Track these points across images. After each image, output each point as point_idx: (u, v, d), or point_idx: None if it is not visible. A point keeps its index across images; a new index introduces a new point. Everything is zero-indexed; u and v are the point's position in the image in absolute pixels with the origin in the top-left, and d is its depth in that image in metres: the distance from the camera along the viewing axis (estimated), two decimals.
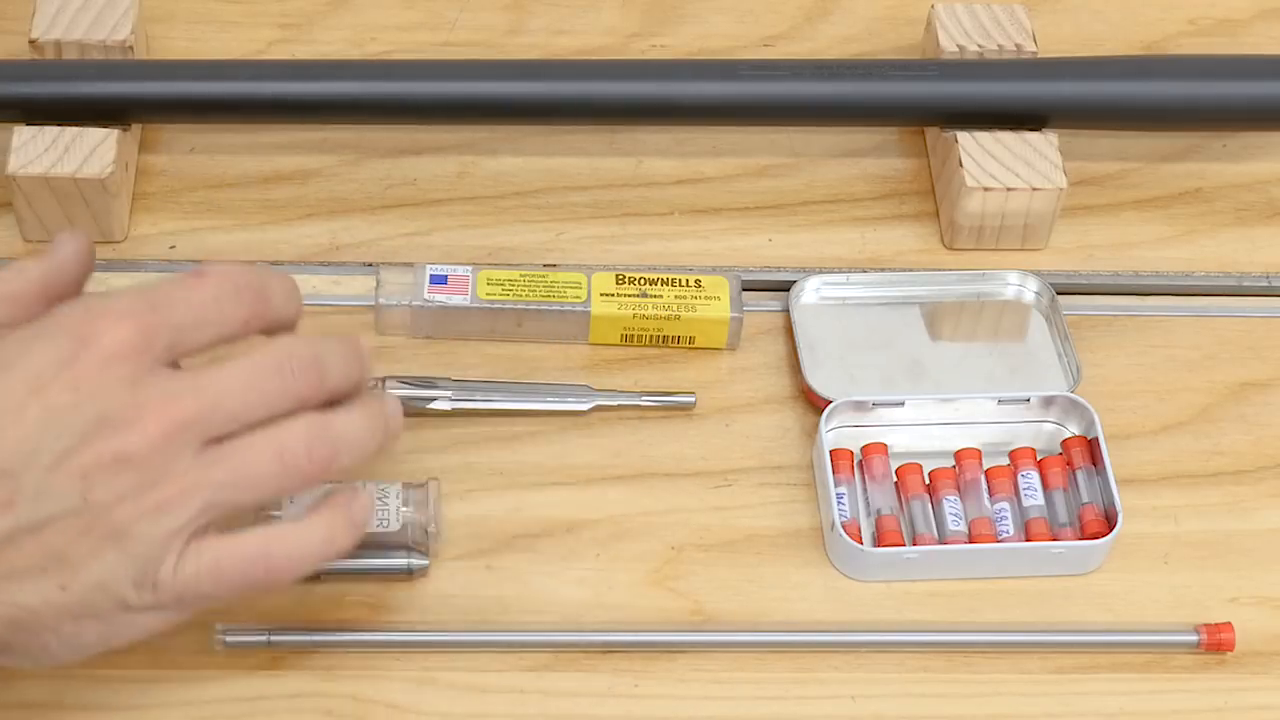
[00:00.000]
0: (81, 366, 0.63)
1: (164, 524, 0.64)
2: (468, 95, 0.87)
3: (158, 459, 0.63)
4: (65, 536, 0.63)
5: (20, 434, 0.62)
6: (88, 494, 0.63)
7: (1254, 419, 0.84)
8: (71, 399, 0.62)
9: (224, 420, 0.65)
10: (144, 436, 0.63)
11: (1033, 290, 0.86)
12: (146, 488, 0.63)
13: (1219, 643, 0.76)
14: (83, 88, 0.85)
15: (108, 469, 0.63)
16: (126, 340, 0.63)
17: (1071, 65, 0.89)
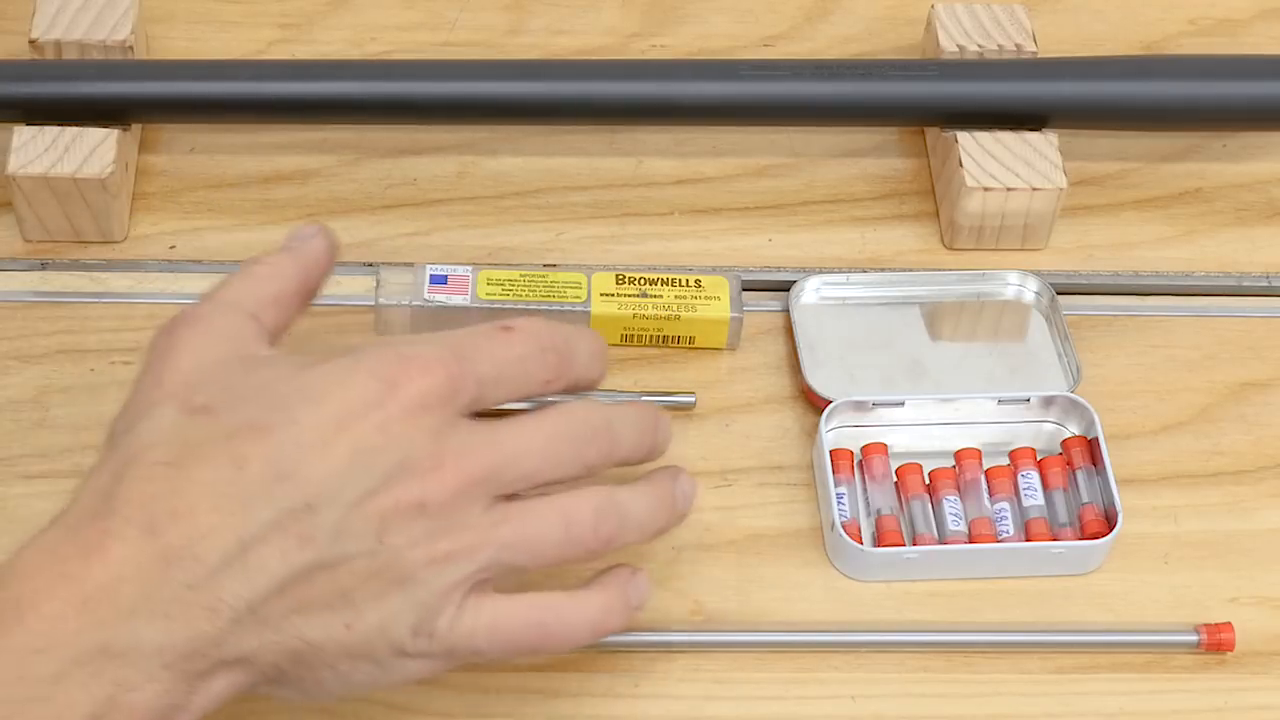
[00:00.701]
0: (390, 410, 0.63)
1: (449, 575, 0.64)
2: (468, 95, 0.87)
3: (451, 510, 0.63)
4: (357, 577, 0.63)
5: (326, 470, 0.62)
6: (384, 537, 0.63)
7: (1254, 419, 0.84)
8: (378, 442, 0.63)
9: (517, 479, 0.65)
10: (442, 486, 0.63)
11: (1033, 290, 0.86)
12: (437, 537, 0.63)
13: (1219, 643, 0.75)
14: (83, 88, 0.85)
15: (405, 515, 0.63)
16: (435, 389, 0.64)
17: (1071, 65, 0.89)
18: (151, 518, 0.60)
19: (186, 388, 0.64)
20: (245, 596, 0.61)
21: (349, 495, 0.62)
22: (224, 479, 0.61)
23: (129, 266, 0.86)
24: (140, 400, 0.65)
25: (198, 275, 0.86)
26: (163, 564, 0.60)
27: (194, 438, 0.62)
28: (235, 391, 0.64)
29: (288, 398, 0.63)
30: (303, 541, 0.62)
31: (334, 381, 0.63)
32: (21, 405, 0.81)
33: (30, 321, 0.84)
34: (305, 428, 0.62)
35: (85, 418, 0.80)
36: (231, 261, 0.86)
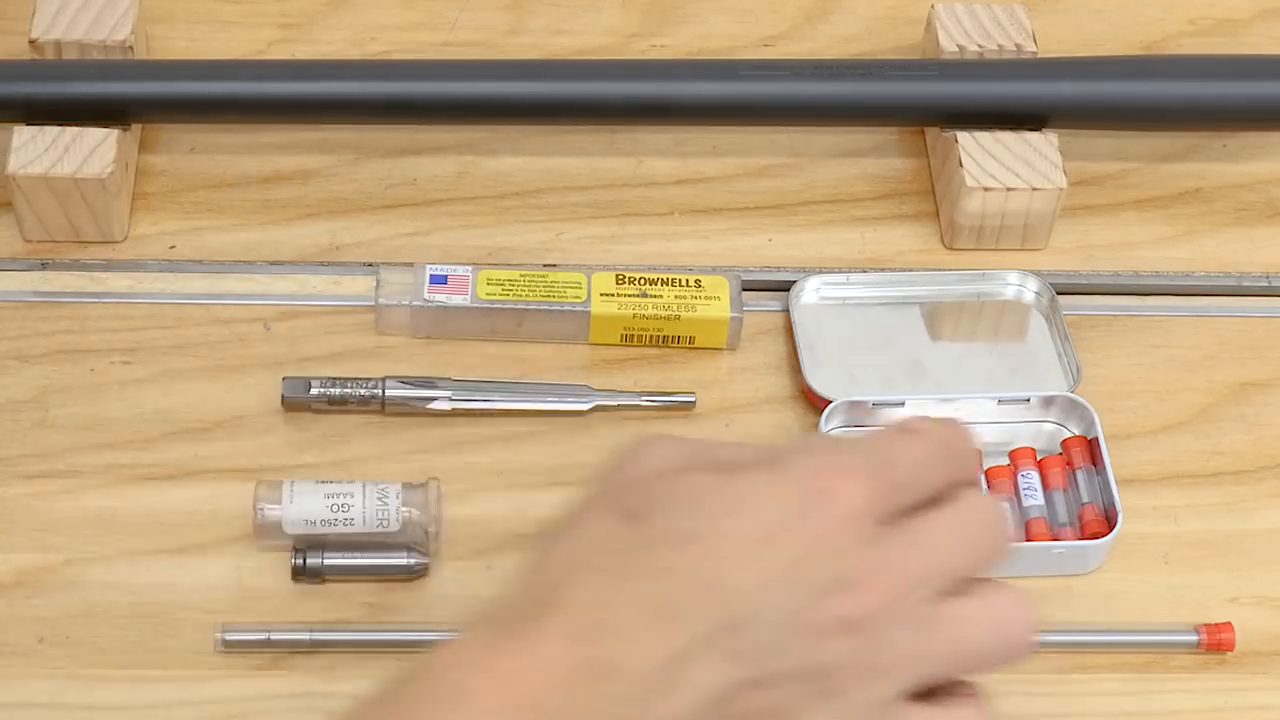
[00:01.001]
0: (817, 522, 0.60)
1: (878, 690, 0.61)
2: (468, 95, 0.87)
3: (882, 624, 0.61)
4: (788, 695, 0.60)
5: (757, 584, 0.59)
6: (818, 655, 0.60)
7: (1254, 419, 0.84)
8: (808, 555, 0.59)
9: (943, 584, 0.62)
10: (874, 600, 0.60)
11: (1033, 290, 0.86)
12: (868, 653, 0.60)
13: (1219, 643, 0.75)
14: (83, 88, 0.85)
15: (837, 631, 0.60)
16: (861, 499, 0.61)
17: (1071, 65, 0.89)
18: (583, 626, 0.58)
19: (622, 491, 0.62)
20: (674, 715, 0.58)
21: (781, 610, 0.59)
22: (655, 591, 0.58)
23: (129, 266, 0.86)
24: (585, 503, 0.62)
25: (198, 275, 0.86)
26: (592, 676, 0.57)
27: (622, 544, 0.60)
28: (666, 498, 0.61)
29: (718, 507, 0.60)
30: (734, 658, 0.59)
31: (761, 493, 0.60)
32: (21, 405, 0.81)
33: (30, 321, 0.84)
34: (732, 541, 0.59)
35: (85, 418, 0.80)
36: (231, 261, 0.86)
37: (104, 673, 0.73)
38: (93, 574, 0.76)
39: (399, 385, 0.81)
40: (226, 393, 0.81)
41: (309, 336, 0.84)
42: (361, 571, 0.76)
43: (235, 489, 0.78)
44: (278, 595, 0.75)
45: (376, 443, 0.80)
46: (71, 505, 0.78)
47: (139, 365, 0.82)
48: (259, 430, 0.80)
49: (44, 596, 0.75)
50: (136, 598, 0.75)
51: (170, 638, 0.74)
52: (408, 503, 0.76)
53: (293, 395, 0.80)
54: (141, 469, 0.79)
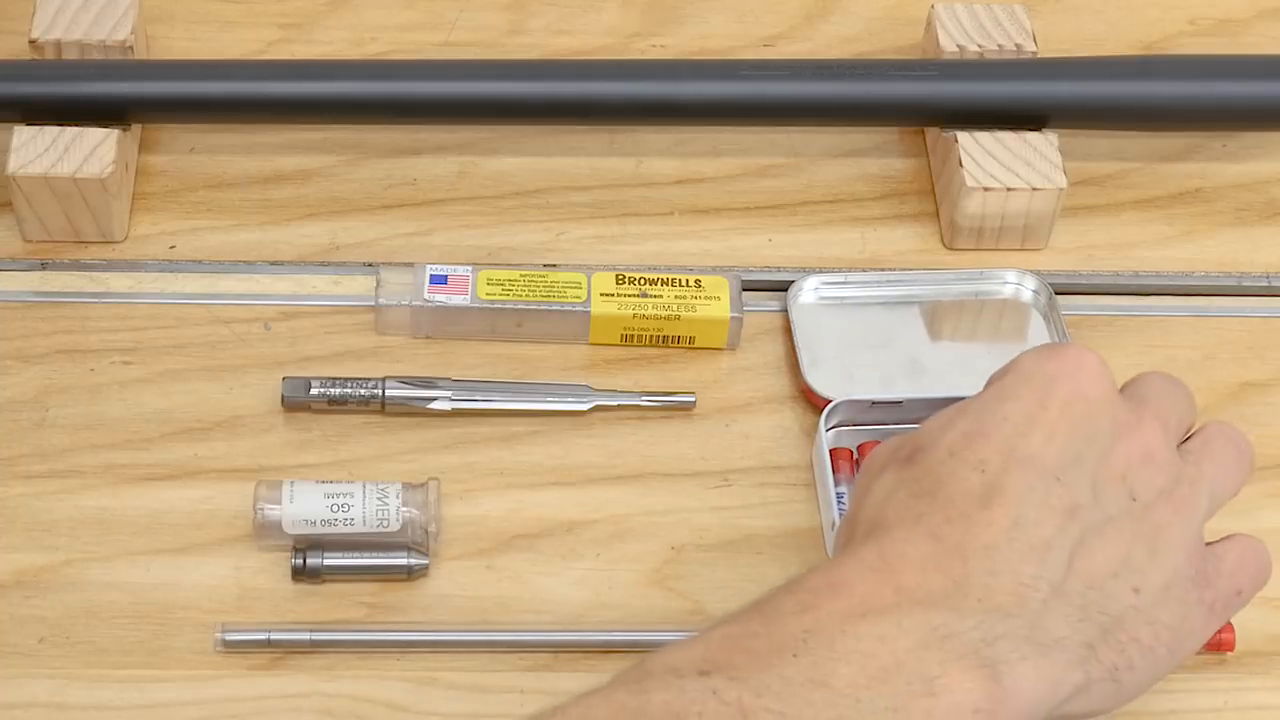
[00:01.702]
0: (1077, 385, 0.67)
1: (1194, 518, 0.67)
2: (468, 95, 0.87)
3: (1169, 456, 0.67)
4: (1125, 538, 0.65)
5: (1058, 446, 0.65)
6: (1135, 493, 0.66)
7: (1254, 419, 0.84)
8: (1083, 410, 0.67)
9: (1182, 423, 0.70)
10: (1153, 436, 0.67)
11: (1030, 289, 0.86)
12: (1171, 484, 0.67)
13: (1219, 643, 0.75)
14: (83, 88, 0.85)
15: (1140, 468, 0.67)
16: (1098, 361, 0.68)
17: (1071, 65, 0.89)
18: (929, 526, 0.64)
19: (897, 447, 0.69)
20: (1045, 577, 0.63)
21: (1088, 460, 0.66)
22: (973, 482, 0.65)
23: (129, 266, 0.86)
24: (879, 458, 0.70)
25: (198, 275, 0.86)
26: (960, 559, 0.63)
27: (927, 463, 0.66)
28: (941, 419, 0.68)
29: (986, 405, 0.67)
30: (1069, 514, 0.64)
31: (1019, 379, 0.68)
32: (21, 405, 0.81)
33: (30, 321, 0.84)
34: (1017, 420, 0.66)
35: (85, 418, 0.80)
36: (231, 261, 0.86)
37: (104, 673, 0.73)
38: (93, 574, 0.76)
39: (399, 385, 0.81)
40: (226, 393, 0.81)
41: (309, 336, 0.84)
42: (361, 571, 0.76)
43: (235, 489, 0.78)
44: (277, 595, 0.75)
45: (376, 443, 0.80)
46: (71, 505, 0.78)
47: (139, 365, 0.82)
48: (259, 430, 0.80)
49: (44, 596, 0.75)
50: (136, 598, 0.75)
51: (170, 638, 0.74)
52: (408, 503, 0.76)
53: (293, 395, 0.80)
54: (141, 469, 0.79)
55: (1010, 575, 0.63)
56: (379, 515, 0.75)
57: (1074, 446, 0.66)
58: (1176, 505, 0.67)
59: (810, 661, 0.60)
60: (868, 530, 0.66)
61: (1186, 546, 0.66)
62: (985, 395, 0.68)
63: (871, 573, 0.63)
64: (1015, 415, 0.66)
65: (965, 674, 0.60)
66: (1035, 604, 0.63)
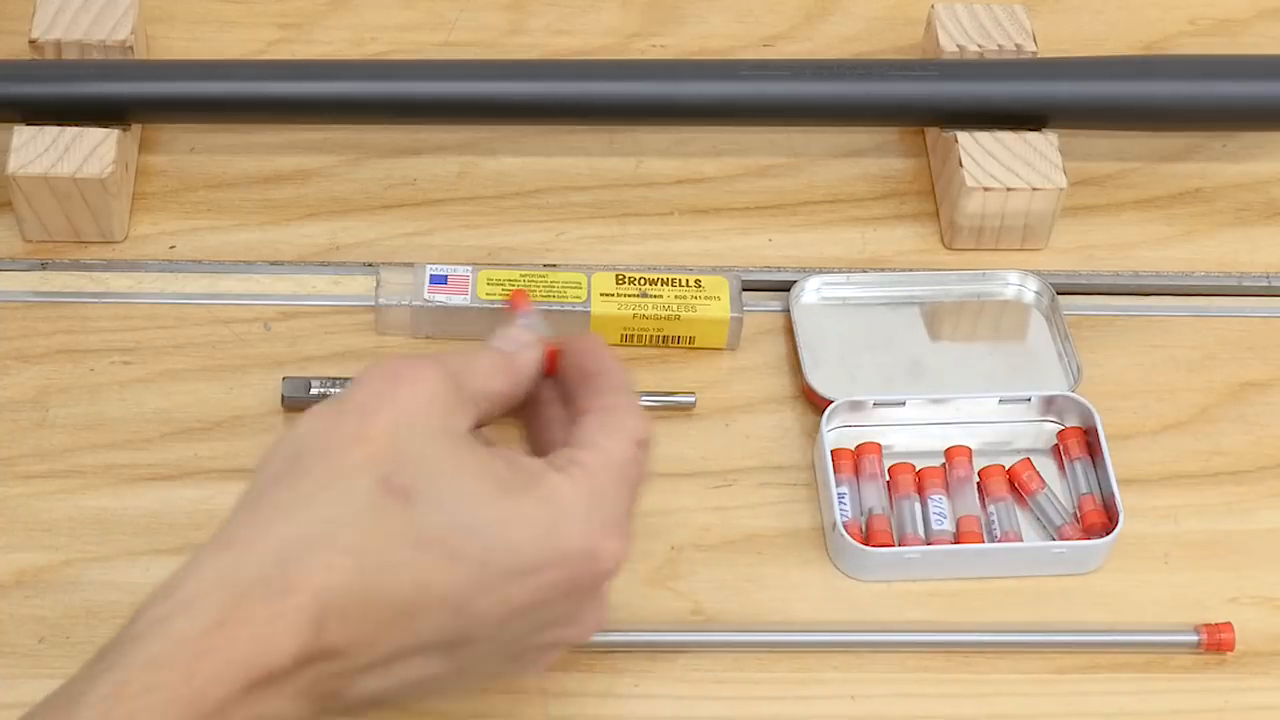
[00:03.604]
0: (580, 581, 0.64)
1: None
2: (468, 95, 0.87)
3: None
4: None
5: (499, 615, 0.62)
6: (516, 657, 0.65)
7: (1254, 419, 0.84)
8: (559, 600, 0.64)
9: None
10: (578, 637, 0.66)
11: (1033, 290, 0.86)
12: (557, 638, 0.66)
13: (1219, 643, 0.75)
14: (83, 88, 0.85)
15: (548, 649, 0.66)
16: (619, 564, 0.65)
17: (1071, 65, 0.89)
18: (324, 614, 0.59)
19: (389, 457, 0.61)
20: (375, 692, 0.61)
21: (509, 636, 0.63)
22: (402, 597, 0.60)
23: (129, 266, 0.86)
24: (339, 444, 0.62)
25: (198, 275, 0.86)
26: (320, 659, 0.59)
27: (385, 529, 0.60)
28: (439, 489, 0.61)
29: (489, 531, 0.62)
30: (448, 659, 0.62)
31: (540, 532, 0.62)
32: (21, 405, 0.81)
33: (30, 321, 0.84)
34: (493, 573, 0.61)
35: (85, 418, 0.80)
36: (231, 261, 0.86)
37: None
38: (93, 574, 0.76)
39: None
40: (226, 393, 0.81)
41: (309, 336, 0.84)
42: None
43: (235, 489, 0.77)
44: None
45: None
46: (71, 505, 0.78)
47: (139, 365, 0.82)
48: (259, 430, 0.80)
49: (44, 596, 0.75)
50: (136, 598, 0.75)
51: None
52: None
53: (293, 395, 0.80)
54: (141, 469, 0.79)
55: (347, 686, 0.61)
56: None
57: (510, 626, 0.63)
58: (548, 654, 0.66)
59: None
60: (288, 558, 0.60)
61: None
62: (512, 518, 0.62)
63: (231, 667, 0.58)
64: (508, 565, 0.62)
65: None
66: (343, 703, 0.61)
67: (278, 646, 0.58)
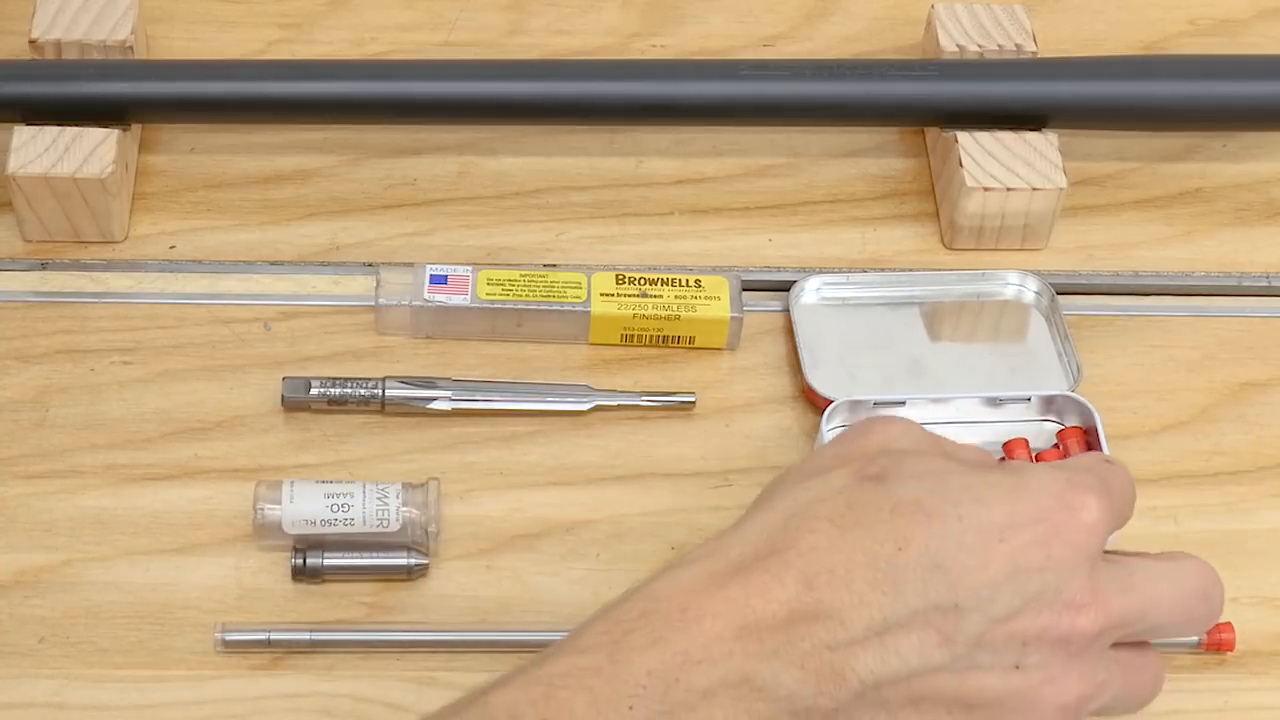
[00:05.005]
0: (1059, 533, 0.63)
1: (1062, 711, 0.63)
2: (468, 95, 0.87)
3: (1089, 651, 0.63)
4: (984, 693, 0.62)
5: (984, 577, 0.62)
6: (1022, 661, 0.62)
7: (1254, 419, 0.84)
8: (1039, 562, 0.62)
9: (1145, 630, 0.65)
10: (1089, 625, 0.63)
11: (1033, 290, 0.86)
12: (1072, 678, 0.63)
13: (1219, 643, 0.75)
14: (83, 88, 0.85)
15: (1048, 645, 0.62)
16: (1100, 520, 0.64)
17: (1071, 65, 0.89)
18: (811, 570, 0.61)
19: (865, 458, 0.65)
20: (876, 674, 0.61)
21: (999, 608, 0.62)
22: (884, 554, 0.61)
23: (129, 266, 0.86)
24: (825, 462, 0.66)
25: (198, 275, 0.86)
26: (811, 618, 0.60)
27: (861, 501, 0.63)
28: (909, 469, 0.64)
29: (959, 492, 0.63)
30: (943, 640, 0.61)
31: (1004, 489, 0.63)
32: (21, 405, 0.81)
33: (30, 321, 0.84)
34: (969, 527, 0.62)
35: (85, 418, 0.80)
36: (231, 261, 0.86)
37: (104, 673, 0.73)
38: (93, 574, 0.76)
39: (399, 385, 0.81)
40: (226, 393, 0.81)
41: (309, 336, 0.84)
42: (361, 571, 0.76)
43: (235, 489, 0.78)
44: (278, 595, 0.75)
45: (376, 443, 0.80)
46: (71, 505, 0.78)
47: (139, 365, 0.82)
48: (259, 430, 0.80)
49: (44, 596, 0.75)
50: (136, 598, 0.75)
51: (170, 638, 0.74)
52: (408, 503, 0.76)
53: (293, 395, 0.80)
54: (141, 469, 0.79)
55: (846, 657, 0.60)
56: (379, 515, 0.75)
57: (1000, 589, 0.62)
58: (1063, 701, 0.63)
59: (643, 716, 0.59)
60: (779, 527, 0.63)
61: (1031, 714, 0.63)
62: (983, 480, 0.64)
63: (726, 604, 0.61)
64: (975, 522, 0.62)
65: (725, 709, 0.60)
66: (850, 691, 0.60)
67: (768, 594, 0.60)
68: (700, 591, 0.61)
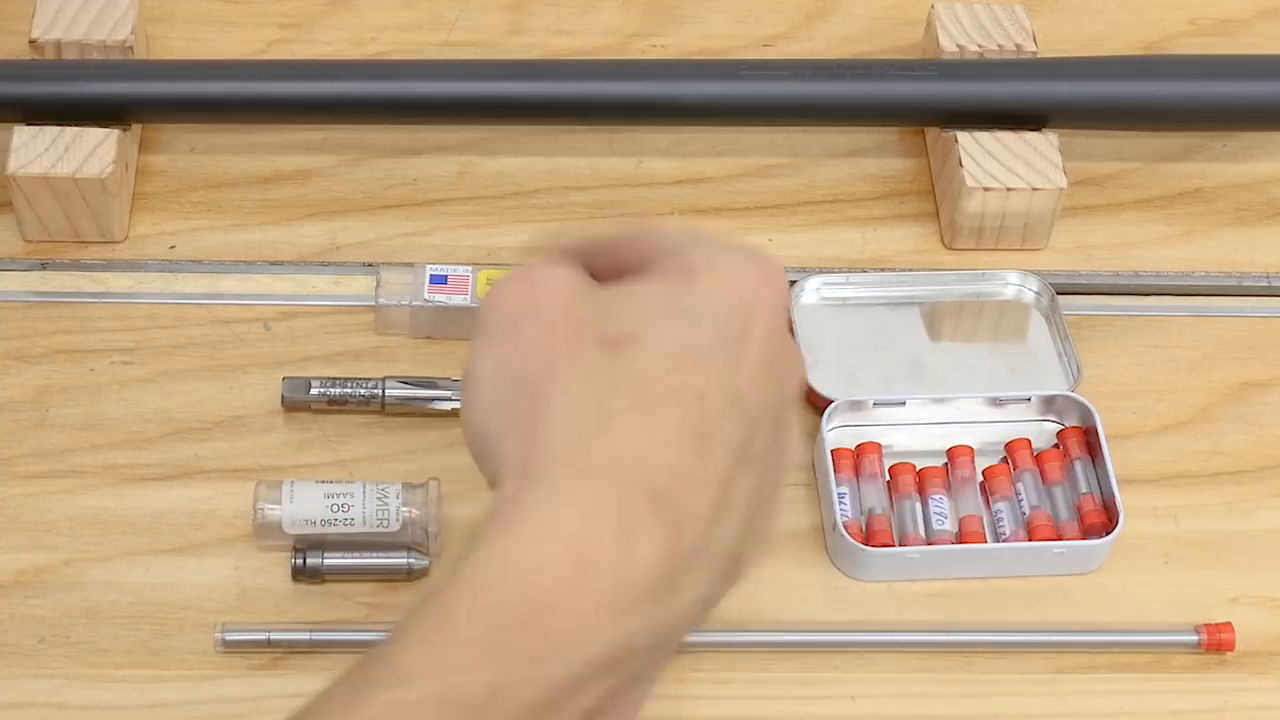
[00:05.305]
0: (777, 319, 0.59)
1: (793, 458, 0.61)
2: (468, 95, 0.87)
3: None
4: (771, 485, 0.59)
5: (760, 390, 0.58)
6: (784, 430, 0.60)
7: (1254, 419, 0.84)
8: (780, 348, 0.59)
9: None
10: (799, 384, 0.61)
11: (1033, 290, 0.86)
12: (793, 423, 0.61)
13: (1219, 643, 0.75)
14: (83, 88, 0.85)
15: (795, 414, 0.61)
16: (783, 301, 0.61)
17: (1071, 65, 0.89)
18: (647, 481, 0.55)
19: (580, 322, 0.58)
20: (732, 537, 0.57)
21: (779, 405, 0.59)
22: (693, 419, 0.56)
23: (129, 266, 0.86)
24: (532, 350, 0.58)
25: (198, 275, 0.86)
26: (673, 536, 0.55)
27: (640, 375, 0.56)
28: (638, 313, 0.58)
29: (699, 316, 0.57)
30: (752, 463, 0.57)
31: (723, 287, 0.58)
32: (21, 405, 0.81)
33: (30, 321, 0.84)
34: (733, 346, 0.57)
35: (85, 418, 0.80)
36: (231, 261, 0.86)
37: (104, 673, 0.73)
38: (93, 574, 0.76)
39: (399, 385, 0.81)
40: (226, 393, 0.81)
41: (309, 336, 0.84)
42: (361, 571, 0.76)
43: (235, 489, 0.78)
44: (278, 595, 0.75)
45: (376, 443, 0.80)
46: (71, 505, 0.78)
47: (139, 365, 0.82)
48: (259, 430, 0.80)
49: (44, 596, 0.75)
50: (136, 598, 0.75)
51: (170, 638, 0.74)
52: (408, 503, 0.76)
53: (293, 395, 0.80)
54: (141, 469, 0.79)
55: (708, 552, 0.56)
56: (379, 515, 0.75)
57: (772, 391, 0.58)
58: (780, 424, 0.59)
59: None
60: (589, 428, 0.55)
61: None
62: (699, 289, 0.58)
63: (577, 581, 0.53)
64: (732, 339, 0.57)
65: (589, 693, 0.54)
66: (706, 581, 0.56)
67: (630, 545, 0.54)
68: (545, 566, 0.53)
